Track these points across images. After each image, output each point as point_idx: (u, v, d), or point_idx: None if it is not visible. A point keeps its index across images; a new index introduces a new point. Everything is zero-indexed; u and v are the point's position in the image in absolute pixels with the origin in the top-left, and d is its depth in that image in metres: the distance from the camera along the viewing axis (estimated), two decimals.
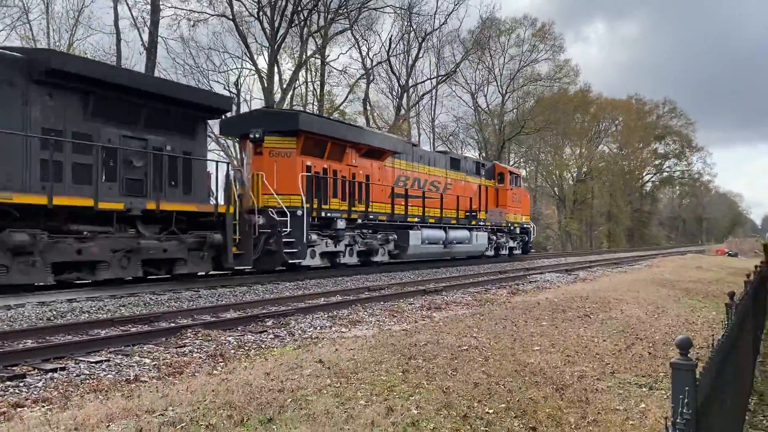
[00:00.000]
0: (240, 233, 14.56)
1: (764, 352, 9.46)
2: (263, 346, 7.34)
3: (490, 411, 4.92)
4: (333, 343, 6.88)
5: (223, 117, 17.27)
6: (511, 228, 29.62)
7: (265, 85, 33.55)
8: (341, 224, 17.79)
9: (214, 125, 22.62)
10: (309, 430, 4.09)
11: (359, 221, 18.71)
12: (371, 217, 19.29)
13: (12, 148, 10.77)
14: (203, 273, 14.92)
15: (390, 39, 43.92)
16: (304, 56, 35.15)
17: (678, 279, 17.77)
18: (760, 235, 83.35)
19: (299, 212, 16.00)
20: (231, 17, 32.65)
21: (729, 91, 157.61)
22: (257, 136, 16.56)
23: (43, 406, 4.70)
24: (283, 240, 15.61)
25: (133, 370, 6.06)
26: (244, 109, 34.03)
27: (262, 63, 35.70)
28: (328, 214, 17.41)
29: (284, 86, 34.73)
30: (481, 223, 26.43)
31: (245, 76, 37.98)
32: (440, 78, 49.31)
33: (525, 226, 31.55)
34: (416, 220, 21.61)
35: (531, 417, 4.99)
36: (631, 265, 26.24)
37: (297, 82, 36.29)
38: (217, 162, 15.05)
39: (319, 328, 8.69)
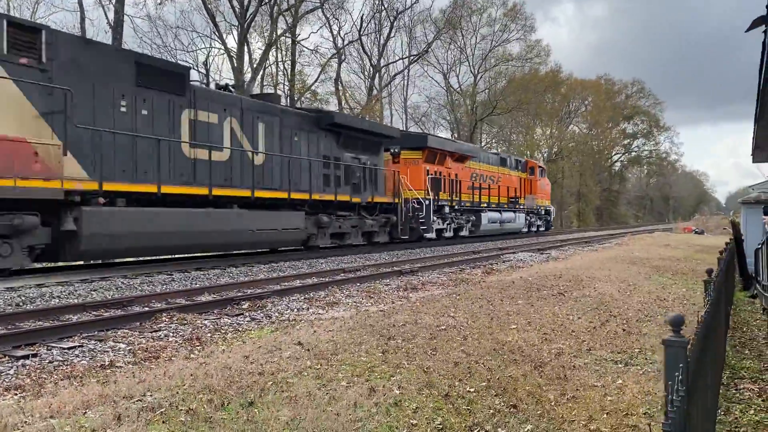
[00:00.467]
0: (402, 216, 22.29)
1: (732, 326, 9.70)
2: (240, 329, 7.26)
3: (471, 389, 4.95)
4: (311, 325, 6.83)
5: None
6: (539, 210, 37.39)
7: (235, 65, 33.00)
8: (447, 210, 25.41)
9: None
10: (291, 412, 4.05)
11: (456, 207, 26.24)
12: (462, 204, 26.92)
13: (311, 169, 17.65)
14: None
15: (361, 18, 43.64)
16: (274, 35, 34.59)
17: (647, 257, 18.09)
18: (725, 213, 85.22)
19: (426, 203, 23.03)
20: None
21: (695, 72, 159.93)
22: (396, 150, 23.69)
23: (16, 394, 4.57)
24: (420, 221, 22.69)
25: (107, 355, 5.94)
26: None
27: (232, 42, 35.12)
28: (440, 203, 24.78)
29: (254, 66, 34.20)
30: (521, 207, 33.99)
31: (214, 55, 37.22)
32: (412, 58, 49.12)
33: (548, 208, 39.54)
34: (484, 205, 29.06)
35: (511, 395, 5.03)
36: (602, 244, 26.61)
37: (267, 61, 35.77)
38: (394, 171, 22.21)
39: (296, 310, 8.63)
